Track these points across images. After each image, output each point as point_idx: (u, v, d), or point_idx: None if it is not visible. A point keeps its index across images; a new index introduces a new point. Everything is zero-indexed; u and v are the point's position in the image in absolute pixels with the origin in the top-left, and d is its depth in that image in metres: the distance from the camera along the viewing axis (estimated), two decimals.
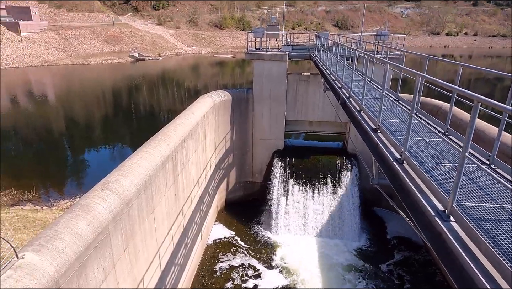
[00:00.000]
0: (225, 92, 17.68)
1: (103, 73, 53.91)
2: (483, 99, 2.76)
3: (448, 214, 3.16)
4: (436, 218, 3.17)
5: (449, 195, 3.25)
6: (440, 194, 3.39)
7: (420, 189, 3.64)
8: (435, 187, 3.50)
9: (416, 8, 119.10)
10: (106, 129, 30.24)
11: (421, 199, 3.46)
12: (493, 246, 2.63)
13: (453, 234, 2.96)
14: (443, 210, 3.27)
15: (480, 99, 2.78)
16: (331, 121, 19.04)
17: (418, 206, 3.51)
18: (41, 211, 11.94)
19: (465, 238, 2.92)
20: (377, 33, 20.63)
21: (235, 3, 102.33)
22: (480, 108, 3.47)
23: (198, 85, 48.72)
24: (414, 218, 3.67)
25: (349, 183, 17.57)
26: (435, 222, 3.15)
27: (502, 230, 2.84)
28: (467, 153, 2.86)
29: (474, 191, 3.50)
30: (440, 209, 3.31)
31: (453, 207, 3.11)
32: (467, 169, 4.00)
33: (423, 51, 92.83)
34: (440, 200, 3.39)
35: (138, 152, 9.26)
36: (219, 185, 18.20)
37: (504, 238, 2.76)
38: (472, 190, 3.54)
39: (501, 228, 2.86)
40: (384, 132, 5.26)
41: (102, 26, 73.09)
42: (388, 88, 12.62)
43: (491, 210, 3.12)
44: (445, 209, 3.24)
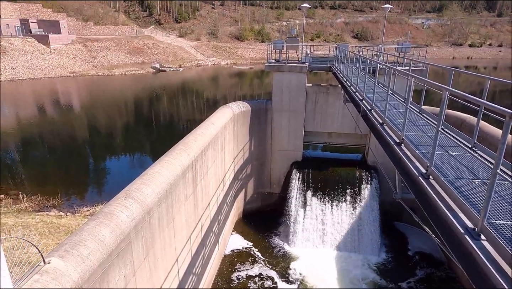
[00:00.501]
0: (244, 103, 17.84)
1: (126, 83, 55.47)
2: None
3: (479, 232, 3.06)
4: (465, 236, 3.08)
5: (478, 212, 3.15)
6: (470, 211, 3.29)
7: (447, 205, 3.55)
8: (463, 204, 3.40)
9: (438, 19, 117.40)
10: (127, 138, 30.96)
11: (449, 215, 3.37)
12: None
13: (484, 253, 2.86)
14: (472, 227, 3.17)
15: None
16: (350, 133, 18.84)
17: (446, 222, 3.42)
18: (65, 217, 12.27)
19: (497, 257, 2.81)
20: (398, 44, 20.42)
21: (255, 15, 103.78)
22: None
23: (217, 96, 49.36)
24: (442, 235, 3.57)
25: (368, 195, 17.24)
26: (465, 240, 3.05)
27: None
28: (499, 169, 2.78)
29: (506, 208, 3.38)
30: (469, 227, 3.21)
31: (483, 224, 3.01)
32: (499, 185, 3.88)
33: (445, 63, 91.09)
34: (470, 217, 3.29)
35: (160, 161, 9.43)
36: (237, 195, 18.23)
37: None
38: (503, 207, 3.42)
39: None
40: (408, 146, 5.17)
41: (126, 38, 75.51)
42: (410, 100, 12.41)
43: None
44: (475, 226, 3.14)
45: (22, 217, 11.27)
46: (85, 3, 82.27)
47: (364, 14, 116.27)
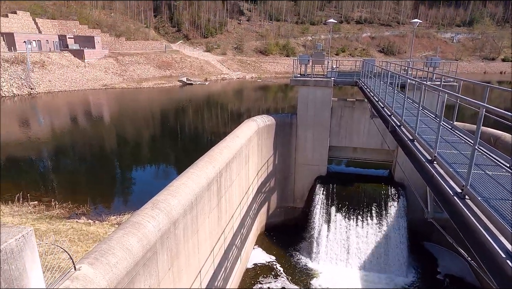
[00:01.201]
0: (269, 117, 17.93)
1: (153, 96, 57.18)
2: None
3: None
4: (507, 260, 2.91)
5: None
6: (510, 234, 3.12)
7: (486, 227, 3.38)
8: (504, 226, 3.24)
9: (468, 33, 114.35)
10: (153, 148, 31.71)
11: (489, 238, 3.21)
12: None
13: None
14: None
15: None
16: (377, 148, 18.46)
17: (485, 245, 3.25)
18: (93, 225, 12.63)
19: None
20: (427, 59, 20.01)
21: (280, 30, 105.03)
22: None
23: (241, 109, 49.89)
24: (480, 258, 3.39)
25: (396, 213, 16.70)
26: (506, 265, 2.89)
27: None
28: None
29: None
30: (511, 251, 3.04)
31: None
32: None
33: (476, 78, 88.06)
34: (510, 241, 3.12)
35: (186, 173, 9.58)
36: (260, 208, 18.15)
37: None
38: None
39: None
40: (441, 164, 5.01)
41: (155, 53, 78.25)
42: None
43: None
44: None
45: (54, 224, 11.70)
46: (118, 20, 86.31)
47: (391, 28, 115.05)
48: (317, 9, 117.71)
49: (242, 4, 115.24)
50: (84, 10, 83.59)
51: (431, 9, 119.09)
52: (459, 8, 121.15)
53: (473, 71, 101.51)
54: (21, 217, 13.18)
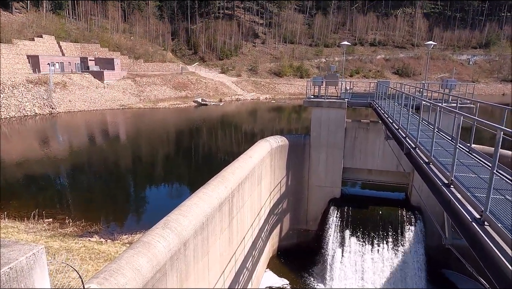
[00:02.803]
0: (282, 138, 17.92)
1: (169, 115, 58.22)
2: None
3: None
4: None
5: None
6: None
7: (507, 256, 3.21)
8: None
9: (485, 55, 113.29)
10: (167, 168, 31.97)
11: (510, 267, 3.04)
12: None
13: None
14: None
15: None
16: (392, 171, 18.09)
17: (505, 274, 3.08)
18: (105, 243, 12.64)
19: None
20: (443, 81, 19.82)
21: (294, 52, 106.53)
22: None
23: (255, 129, 50.13)
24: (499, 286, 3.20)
25: (412, 239, 16.14)
26: None
27: None
28: None
29: None
30: None
31: None
32: None
33: (494, 100, 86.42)
34: None
35: (197, 193, 9.57)
36: (272, 230, 17.87)
37: None
38: None
39: None
40: (458, 188, 4.85)
41: (172, 74, 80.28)
42: None
43: None
44: None
45: (67, 241, 11.77)
46: (137, 43, 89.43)
47: (405, 50, 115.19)
48: (331, 32, 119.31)
49: (257, 27, 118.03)
50: (105, 34, 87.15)
51: (446, 32, 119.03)
52: (474, 30, 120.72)
53: (491, 93, 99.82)
54: (35, 234, 13.34)
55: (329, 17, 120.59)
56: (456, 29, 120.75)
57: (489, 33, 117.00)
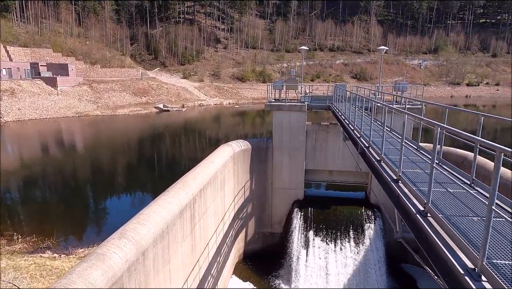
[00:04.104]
0: (244, 142, 17.95)
1: (129, 123, 56.40)
2: (505, 150, 2.66)
3: (479, 273, 2.91)
4: (466, 277, 2.92)
5: (478, 252, 3.01)
6: (469, 250, 3.16)
7: (447, 244, 3.41)
8: (463, 243, 3.28)
9: (434, 60, 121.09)
10: (128, 176, 30.88)
11: (449, 255, 3.23)
12: None
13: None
14: (473, 268, 3.03)
15: (502, 149, 2.69)
16: (352, 171, 18.70)
17: (446, 263, 3.27)
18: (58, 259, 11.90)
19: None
20: (396, 84, 20.89)
21: (256, 57, 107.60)
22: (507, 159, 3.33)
23: (219, 134, 49.86)
24: (443, 276, 3.40)
25: (373, 236, 16.76)
26: (465, 282, 2.90)
27: None
28: (494, 206, 2.70)
29: (508, 247, 3.24)
30: (469, 267, 3.06)
31: (483, 265, 2.88)
32: (499, 223, 3.76)
33: (444, 101, 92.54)
34: (470, 257, 3.15)
35: (157, 200, 9.31)
36: (237, 235, 17.77)
37: None
38: (505, 246, 3.28)
39: None
40: (405, 183, 5.10)
41: (132, 80, 77.95)
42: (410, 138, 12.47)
43: None
44: (475, 267, 2.99)
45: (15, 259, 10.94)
46: (93, 47, 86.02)
47: (362, 55, 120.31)
48: (292, 37, 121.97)
49: (219, 32, 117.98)
50: (58, 38, 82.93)
51: (399, 38, 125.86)
52: (424, 36, 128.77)
53: (441, 95, 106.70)
54: None
55: (289, 23, 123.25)
56: (408, 35, 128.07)
57: (437, 40, 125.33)
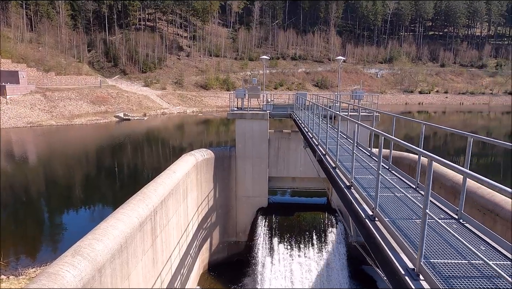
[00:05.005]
0: (207, 151, 17.86)
1: (87, 133, 54.04)
2: (436, 159, 2.92)
3: (417, 273, 3.14)
4: (406, 277, 3.14)
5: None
6: (410, 252, 3.40)
7: (391, 247, 3.65)
8: (404, 244, 3.52)
9: (389, 69, 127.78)
10: (87, 189, 29.49)
11: (392, 257, 3.45)
12: None
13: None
14: (413, 268, 3.26)
15: (434, 158, 2.95)
16: (313, 177, 19.18)
17: (390, 264, 3.49)
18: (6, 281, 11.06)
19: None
20: (353, 92, 21.84)
21: (220, 65, 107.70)
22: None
23: (183, 143, 49.11)
24: (387, 276, 3.62)
25: (335, 240, 17.24)
26: (406, 281, 3.12)
27: (470, 288, 2.83)
28: (428, 209, 2.95)
29: (443, 247, 3.53)
30: (410, 268, 3.29)
31: (421, 265, 3.11)
32: (436, 225, 4.06)
33: (399, 108, 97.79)
34: (410, 258, 3.39)
35: (115, 214, 9.02)
36: (201, 246, 17.54)
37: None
38: (441, 246, 3.57)
39: (469, 285, 2.85)
40: (357, 189, 5.37)
41: (89, 88, 74.85)
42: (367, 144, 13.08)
43: (460, 267, 3.12)
44: (415, 267, 3.23)
45: None
46: (47, 54, 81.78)
47: (323, 64, 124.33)
48: (255, 46, 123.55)
49: (182, 40, 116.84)
50: (7, 44, 77.89)
51: (357, 48, 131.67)
52: (380, 47, 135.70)
53: (396, 102, 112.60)
54: None
55: (252, 32, 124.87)
56: (365, 45, 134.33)
57: (392, 50, 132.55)
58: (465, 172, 2.69)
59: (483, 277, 2.96)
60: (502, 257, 3.41)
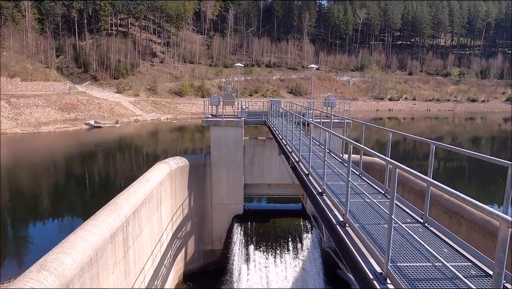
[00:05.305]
0: (182, 158, 17.65)
1: (56, 141, 52.00)
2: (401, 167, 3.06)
3: (385, 276, 3.25)
4: (374, 281, 3.24)
5: None
6: (378, 256, 3.52)
7: (360, 252, 3.75)
8: (373, 249, 3.63)
9: (361, 77, 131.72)
10: (55, 199, 28.28)
11: (361, 262, 3.55)
12: None
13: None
14: (380, 272, 3.37)
15: (398, 166, 3.08)
16: (289, 184, 19.31)
17: (360, 269, 3.59)
18: None
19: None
20: (326, 100, 22.31)
21: (194, 72, 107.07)
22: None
23: (157, 151, 48.21)
24: (358, 281, 3.72)
25: (310, 245, 17.41)
26: (374, 285, 3.22)
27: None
28: (393, 215, 3.07)
29: (410, 251, 3.68)
30: (378, 272, 3.40)
31: (388, 269, 3.23)
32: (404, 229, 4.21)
33: (371, 115, 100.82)
34: (378, 262, 3.50)
35: (84, 225, 8.74)
36: (176, 255, 17.21)
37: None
38: (407, 249, 3.71)
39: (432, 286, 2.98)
40: (329, 196, 5.49)
41: (58, 95, 72.18)
42: (340, 151, 13.35)
43: (424, 269, 3.27)
44: (382, 271, 3.34)
45: None
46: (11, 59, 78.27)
47: (297, 72, 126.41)
48: (230, 53, 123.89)
49: (155, 46, 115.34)
50: None
51: (329, 56, 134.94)
52: (351, 55, 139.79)
53: (367, 109, 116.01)
54: None
55: (226, 39, 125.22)
56: (337, 54, 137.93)
57: (363, 58, 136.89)
58: (427, 181, 2.84)
59: (445, 278, 3.12)
60: (463, 258, 3.60)
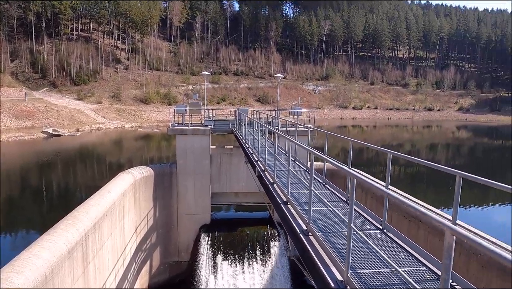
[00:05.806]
0: (146, 168, 17.18)
1: (9, 150, 48.73)
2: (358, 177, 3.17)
3: (345, 284, 3.33)
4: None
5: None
6: (339, 264, 3.59)
7: (322, 260, 3.82)
8: (334, 257, 3.71)
9: (326, 86, 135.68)
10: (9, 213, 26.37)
11: (323, 270, 3.61)
12: None
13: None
14: (341, 280, 3.45)
15: (356, 176, 3.19)
16: (256, 192, 19.31)
17: (322, 277, 3.65)
18: None
19: None
20: (292, 108, 22.72)
21: (161, 79, 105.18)
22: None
23: (121, 160, 46.58)
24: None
25: (278, 253, 17.47)
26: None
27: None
28: (352, 223, 3.16)
29: (369, 258, 3.79)
30: (339, 279, 3.47)
31: (348, 276, 3.30)
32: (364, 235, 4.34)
33: (336, 123, 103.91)
34: (339, 270, 3.58)
35: (39, 241, 8.23)
36: (140, 269, 16.59)
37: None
38: (367, 256, 3.82)
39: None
40: (293, 205, 5.55)
41: (12, 101, 68.02)
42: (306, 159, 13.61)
43: (383, 276, 3.38)
44: (343, 278, 3.42)
45: None
46: None
47: (264, 80, 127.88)
48: (197, 61, 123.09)
49: (119, 52, 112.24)
50: None
51: (296, 65, 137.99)
52: (317, 65, 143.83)
53: (333, 117, 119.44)
54: None
55: (193, 46, 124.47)
56: (303, 63, 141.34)
57: (327, 68, 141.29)
58: (384, 191, 2.96)
59: (402, 283, 3.24)
60: (419, 263, 3.77)
